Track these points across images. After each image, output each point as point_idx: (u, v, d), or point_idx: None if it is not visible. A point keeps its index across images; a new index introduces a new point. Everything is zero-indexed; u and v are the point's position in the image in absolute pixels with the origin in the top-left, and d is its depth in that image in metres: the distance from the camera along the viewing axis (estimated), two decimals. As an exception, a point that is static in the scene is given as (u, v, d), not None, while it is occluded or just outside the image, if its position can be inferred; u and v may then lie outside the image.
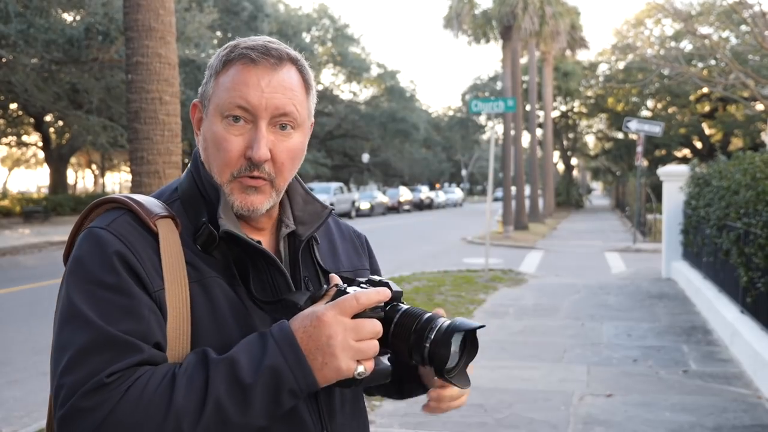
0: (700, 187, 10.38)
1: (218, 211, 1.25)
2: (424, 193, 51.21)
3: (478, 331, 1.18)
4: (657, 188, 18.26)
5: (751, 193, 7.06)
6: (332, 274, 1.29)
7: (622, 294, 10.77)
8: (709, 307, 8.46)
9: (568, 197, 49.21)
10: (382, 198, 41.54)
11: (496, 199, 45.32)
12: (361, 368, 1.13)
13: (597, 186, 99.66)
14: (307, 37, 49.88)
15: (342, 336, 1.12)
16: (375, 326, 1.15)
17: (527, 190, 31.77)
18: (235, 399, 1.09)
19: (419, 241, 21.63)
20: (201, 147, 1.32)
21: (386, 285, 1.23)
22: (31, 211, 28.98)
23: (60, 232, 23.19)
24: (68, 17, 23.01)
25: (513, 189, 25.79)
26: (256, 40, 1.30)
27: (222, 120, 1.26)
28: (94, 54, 21.14)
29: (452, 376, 1.18)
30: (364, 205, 37.85)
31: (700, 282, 9.71)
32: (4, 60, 21.12)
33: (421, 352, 1.15)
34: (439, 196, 54.34)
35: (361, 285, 1.22)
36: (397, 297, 1.23)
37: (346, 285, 1.21)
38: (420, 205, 48.68)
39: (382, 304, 1.19)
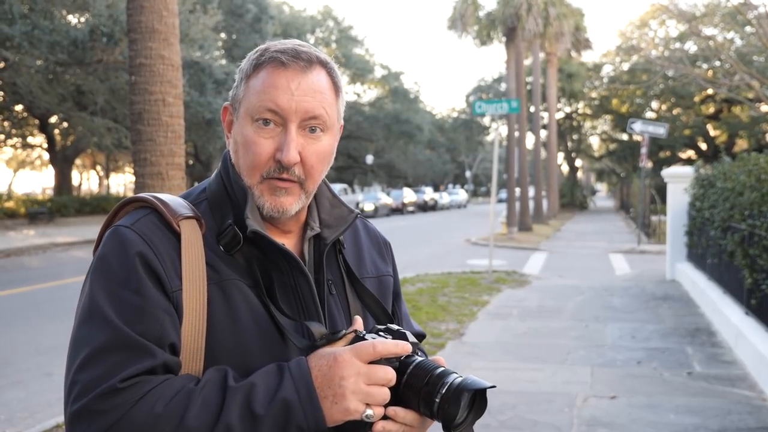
0: (705, 189, 10.35)
1: (245, 211, 1.26)
2: (428, 194, 51.20)
3: (488, 390, 1.19)
4: (661, 190, 18.24)
5: (756, 194, 7.04)
6: (356, 317, 1.31)
7: (627, 295, 10.75)
8: (714, 309, 8.44)
9: (572, 198, 49.18)
10: (386, 199, 41.53)
11: (500, 201, 45.28)
12: (369, 411, 1.14)
13: (601, 187, 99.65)
14: (311, 39, 49.98)
15: (354, 379, 1.14)
16: (387, 373, 1.16)
17: (531, 192, 31.75)
18: (245, 427, 1.11)
19: (423, 243, 21.63)
20: (231, 149, 1.33)
21: (404, 336, 1.24)
22: (35, 212, 29.04)
23: (64, 233, 23.25)
24: (73, 19, 23.08)
25: (517, 190, 25.77)
26: (286, 44, 1.31)
27: (252, 123, 1.27)
28: (98, 55, 21.21)
29: (460, 431, 1.18)
30: (368, 207, 37.83)
31: (704, 283, 9.68)
32: (9, 62, 21.18)
33: (430, 406, 1.16)
34: (443, 198, 54.31)
35: (380, 333, 1.24)
36: (414, 347, 1.24)
37: (365, 332, 1.23)
38: (424, 207, 48.68)
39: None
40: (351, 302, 1.38)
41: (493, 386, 1.17)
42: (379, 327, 1.27)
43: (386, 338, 1.22)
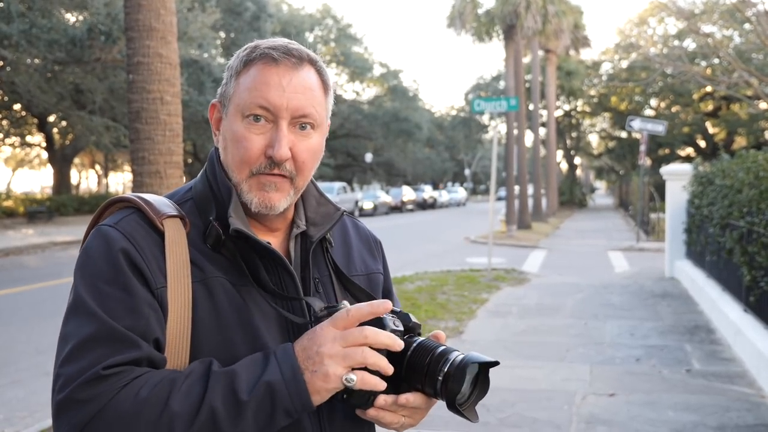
0: (704, 186, 10.36)
1: (228, 209, 1.26)
2: (428, 192, 51.19)
3: (491, 370, 1.20)
4: (660, 187, 18.25)
5: (754, 191, 7.04)
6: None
7: (626, 293, 10.75)
8: (713, 306, 8.45)
9: (572, 196, 49.17)
10: (385, 197, 41.53)
11: (499, 199, 45.29)
12: (351, 375, 1.14)
13: (600, 185, 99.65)
14: (310, 37, 49.94)
15: (330, 344, 1.14)
16: (362, 332, 1.16)
17: (530, 190, 31.74)
18: (228, 409, 1.11)
19: (422, 241, 21.62)
20: (220, 146, 1.33)
21: (407, 317, 1.24)
22: (34, 211, 29.03)
23: (63, 232, 23.23)
24: (71, 17, 23.03)
25: (516, 188, 25.76)
26: (276, 41, 1.31)
27: (243, 119, 1.27)
28: (96, 54, 21.17)
29: (464, 408, 1.19)
30: (368, 205, 37.86)
31: (703, 281, 9.69)
32: (7, 60, 21.15)
33: (434, 384, 1.17)
34: (442, 196, 54.30)
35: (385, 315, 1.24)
36: (414, 329, 1.24)
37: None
38: (423, 205, 48.69)
39: (400, 329, 1.20)
40: (340, 300, 1.38)
41: (497, 362, 1.18)
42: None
43: (393, 318, 1.22)
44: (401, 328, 1.22)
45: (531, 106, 33.54)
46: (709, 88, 32.94)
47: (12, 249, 18.19)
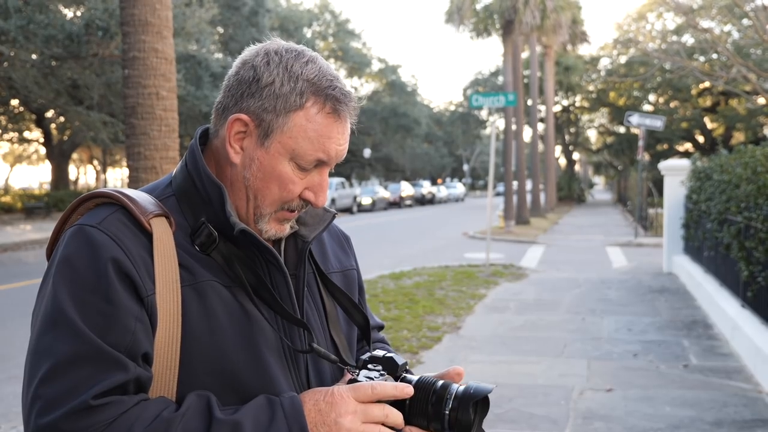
0: (702, 181, 10.35)
1: (226, 209, 1.20)
2: (426, 188, 51.19)
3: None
4: (659, 182, 18.25)
5: (752, 186, 7.04)
6: (345, 372, 1.31)
7: (623, 288, 10.75)
8: (710, 302, 8.45)
9: (570, 192, 49.15)
10: (383, 193, 41.48)
11: (497, 194, 45.27)
12: None
13: (599, 180, 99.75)
14: (308, 33, 49.88)
15: (351, 417, 1.13)
16: (383, 410, 1.16)
17: (529, 185, 31.74)
18: None
19: (420, 236, 21.62)
20: (247, 169, 1.23)
21: (391, 360, 1.24)
22: (32, 207, 29.00)
23: (61, 228, 23.19)
24: (68, 13, 22.97)
25: (514, 184, 25.76)
26: (340, 80, 1.25)
27: (289, 161, 1.22)
28: (94, 50, 21.12)
29: None
30: (366, 200, 37.83)
31: (701, 276, 9.69)
32: (4, 56, 21.10)
33: (441, 420, 1.18)
34: (441, 191, 54.28)
35: (368, 366, 1.25)
36: (403, 368, 1.25)
37: (358, 372, 1.24)
38: (422, 200, 48.68)
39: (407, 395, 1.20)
40: (324, 297, 1.37)
41: (494, 386, 1.22)
42: (364, 358, 1.26)
43: (378, 372, 1.22)
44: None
45: (529, 102, 33.53)
46: (707, 84, 32.97)
47: (10, 244, 18.18)
